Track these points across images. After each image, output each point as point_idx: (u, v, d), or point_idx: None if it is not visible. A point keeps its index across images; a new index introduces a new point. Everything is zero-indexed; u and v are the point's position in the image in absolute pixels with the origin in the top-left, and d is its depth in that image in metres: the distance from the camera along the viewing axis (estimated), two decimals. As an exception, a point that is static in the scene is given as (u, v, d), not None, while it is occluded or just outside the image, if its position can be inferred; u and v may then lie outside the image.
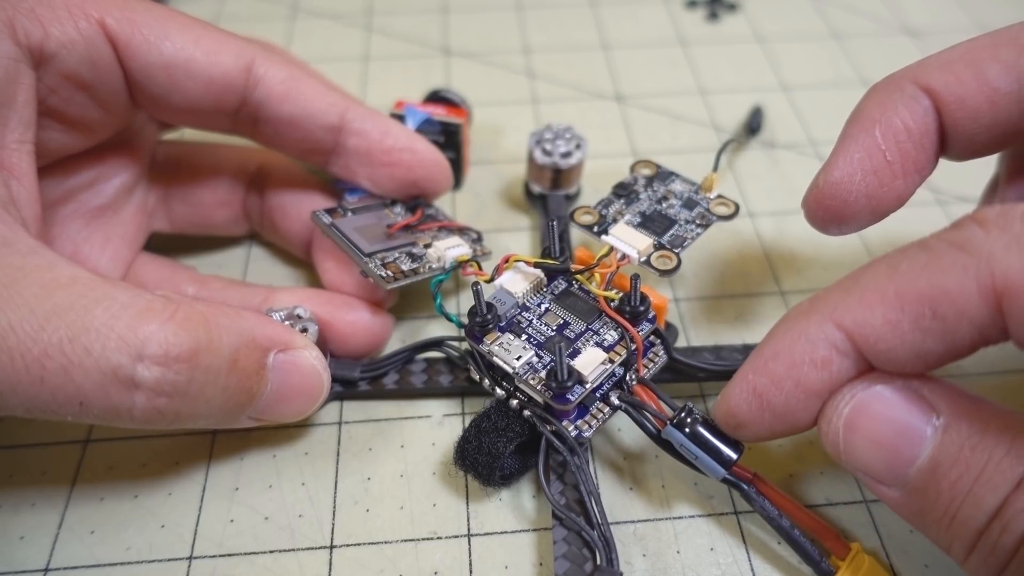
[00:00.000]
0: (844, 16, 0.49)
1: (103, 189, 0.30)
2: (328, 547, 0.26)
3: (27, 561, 0.25)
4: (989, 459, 0.18)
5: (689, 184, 0.31)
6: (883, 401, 0.20)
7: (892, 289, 0.19)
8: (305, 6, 0.50)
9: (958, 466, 0.19)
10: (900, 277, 0.19)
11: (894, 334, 0.19)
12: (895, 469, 0.20)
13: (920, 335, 0.19)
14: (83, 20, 0.25)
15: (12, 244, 0.21)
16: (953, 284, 0.18)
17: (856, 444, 0.20)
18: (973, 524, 0.18)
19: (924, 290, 0.18)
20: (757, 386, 0.21)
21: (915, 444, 0.20)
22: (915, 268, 0.19)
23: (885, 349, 0.19)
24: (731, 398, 0.22)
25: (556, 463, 0.26)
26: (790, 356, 0.21)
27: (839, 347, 0.20)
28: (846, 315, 0.20)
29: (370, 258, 0.28)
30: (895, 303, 0.19)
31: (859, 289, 0.20)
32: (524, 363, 0.25)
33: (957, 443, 0.19)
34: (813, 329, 0.20)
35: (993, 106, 0.23)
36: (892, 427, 0.20)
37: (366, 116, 0.29)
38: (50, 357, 0.20)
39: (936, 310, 0.18)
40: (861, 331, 0.20)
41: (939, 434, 0.19)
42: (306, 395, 0.25)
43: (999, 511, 0.18)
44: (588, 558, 0.23)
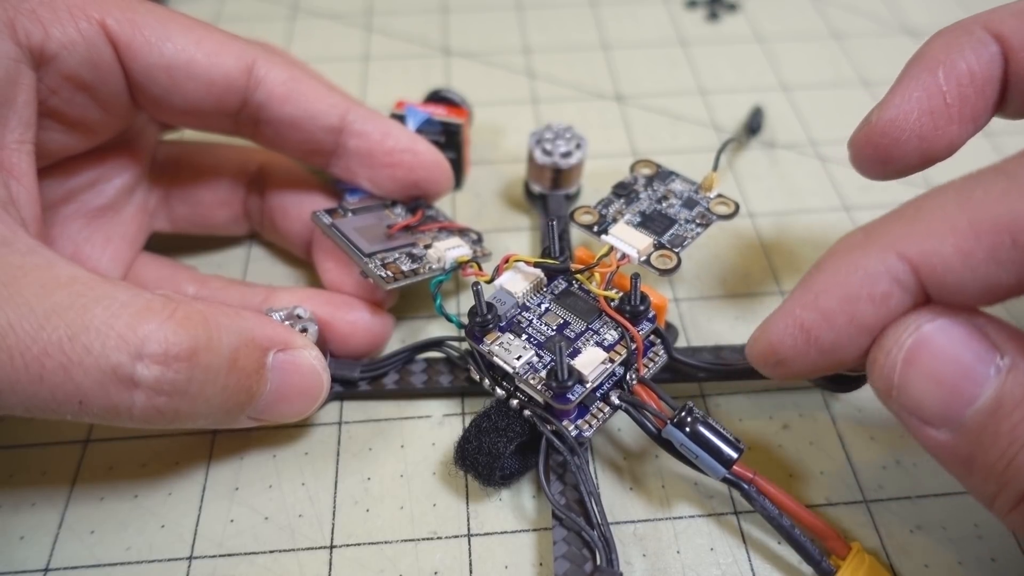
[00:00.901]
0: (844, 16, 0.49)
1: (104, 189, 0.30)
2: (328, 547, 0.26)
3: (27, 561, 0.25)
4: None
5: (689, 184, 0.31)
6: (948, 336, 0.19)
7: (965, 218, 0.17)
8: (305, 6, 0.50)
9: (1021, 409, 0.18)
10: (974, 204, 0.17)
11: (966, 265, 0.18)
12: (952, 409, 0.19)
13: (996, 266, 0.17)
14: (84, 21, 0.25)
15: (11, 243, 0.21)
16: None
17: (913, 379, 0.19)
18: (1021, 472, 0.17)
19: (1003, 218, 0.17)
20: (805, 321, 0.20)
21: (977, 383, 0.18)
22: (992, 195, 0.17)
23: (955, 281, 0.18)
24: (774, 333, 0.21)
25: (556, 463, 0.26)
26: (845, 289, 0.19)
27: (901, 280, 0.19)
28: (911, 246, 0.18)
29: (370, 258, 0.28)
30: (969, 232, 0.17)
31: (925, 218, 0.18)
32: (524, 363, 0.25)
33: (1021, 385, 0.18)
34: (873, 261, 0.19)
35: None
36: (955, 363, 0.18)
37: (367, 117, 0.29)
38: (49, 356, 0.20)
39: (1017, 238, 0.17)
40: (929, 262, 0.18)
41: (1004, 375, 0.18)
42: (306, 395, 0.25)
43: None
44: (588, 558, 0.23)
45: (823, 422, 0.29)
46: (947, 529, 0.26)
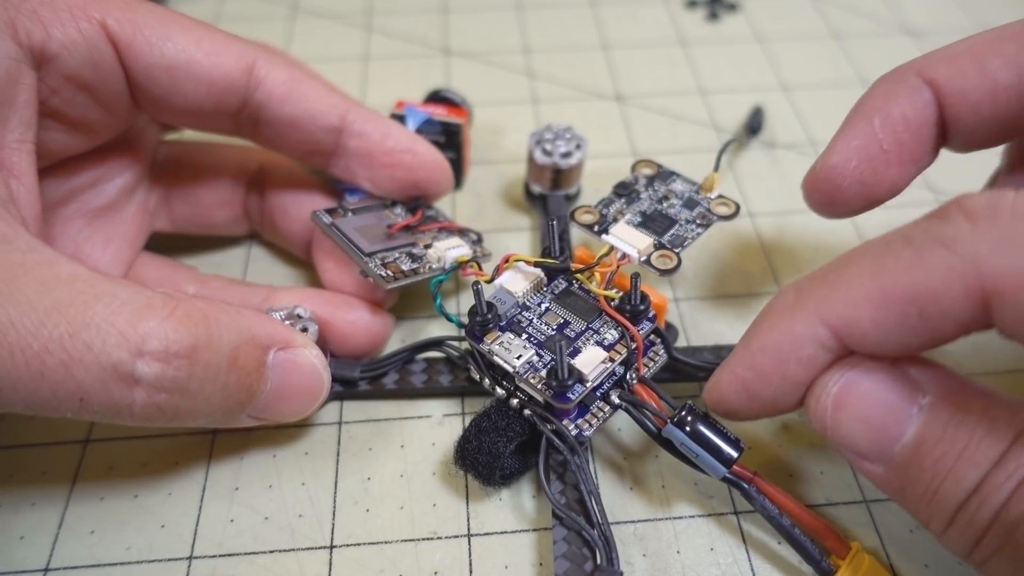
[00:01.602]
0: (844, 16, 0.49)
1: (105, 189, 0.30)
2: (328, 547, 0.26)
3: (27, 561, 0.25)
4: (971, 438, 0.19)
5: (690, 184, 0.31)
6: (871, 380, 0.20)
7: (877, 288, 0.19)
8: (305, 6, 0.50)
9: (942, 444, 0.19)
10: (886, 276, 0.19)
11: (880, 332, 0.19)
12: (881, 446, 0.20)
13: (906, 332, 0.19)
14: (85, 21, 0.25)
15: (12, 242, 0.21)
16: (939, 285, 0.18)
17: (843, 421, 0.21)
18: (953, 499, 0.19)
19: (910, 290, 0.19)
20: (746, 380, 0.22)
21: (901, 422, 0.20)
22: (900, 267, 0.19)
23: (871, 344, 0.20)
24: (721, 390, 0.23)
25: (556, 462, 0.26)
26: (777, 353, 0.21)
27: (824, 344, 0.21)
28: (832, 313, 0.20)
29: (370, 258, 0.28)
30: (881, 303, 0.19)
31: (845, 285, 0.20)
32: (524, 362, 0.25)
33: (942, 422, 0.19)
34: (799, 327, 0.21)
35: (994, 100, 0.23)
36: (879, 405, 0.20)
37: (367, 118, 0.29)
38: (50, 353, 0.20)
39: (922, 310, 0.18)
40: (848, 329, 0.20)
41: (925, 413, 0.20)
42: (306, 394, 0.25)
43: (978, 487, 0.18)
44: (588, 557, 0.23)
45: (823, 422, 0.29)
46: (947, 529, 0.26)
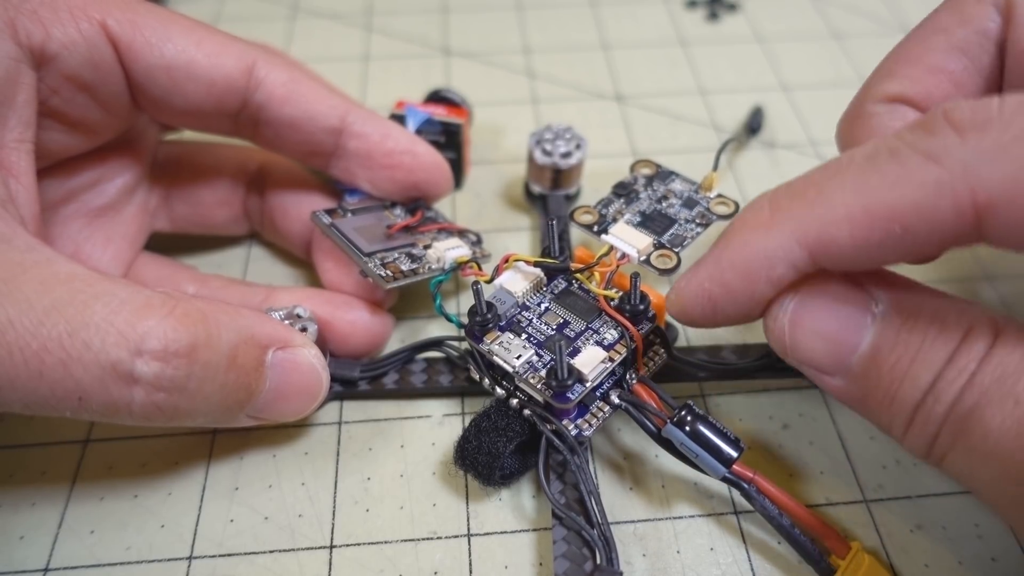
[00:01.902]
0: (844, 16, 0.49)
1: (105, 189, 0.30)
2: (328, 547, 0.26)
3: (27, 561, 0.25)
4: (923, 340, 0.19)
5: (689, 183, 0.31)
6: (825, 296, 0.21)
7: (861, 206, 0.19)
8: (305, 6, 0.50)
9: (896, 349, 0.20)
10: (870, 193, 0.18)
11: (860, 249, 0.19)
12: (839, 358, 0.21)
13: (886, 250, 0.19)
14: (85, 22, 0.25)
15: (11, 241, 0.21)
16: (927, 201, 0.18)
17: (800, 338, 0.21)
18: (910, 400, 0.19)
19: (895, 206, 0.18)
20: (712, 293, 0.22)
21: (857, 332, 0.20)
22: (886, 183, 0.18)
23: (847, 262, 0.20)
24: (685, 300, 0.23)
25: (556, 462, 0.26)
26: (747, 271, 0.21)
27: (798, 266, 0.20)
28: (810, 233, 0.20)
29: (369, 258, 0.28)
30: (863, 221, 0.19)
31: (825, 203, 0.19)
32: (524, 362, 0.25)
33: (894, 328, 0.20)
34: (773, 246, 0.20)
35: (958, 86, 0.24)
36: (834, 318, 0.21)
37: (367, 119, 0.29)
38: (49, 352, 0.20)
39: (908, 227, 0.18)
40: (825, 248, 0.20)
41: (878, 321, 0.20)
42: (305, 393, 0.25)
43: (932, 385, 0.19)
44: (588, 557, 0.23)
45: (823, 422, 0.29)
46: (947, 529, 0.26)
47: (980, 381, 0.18)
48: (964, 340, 0.19)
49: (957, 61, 0.24)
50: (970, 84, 0.24)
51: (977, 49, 0.24)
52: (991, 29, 0.24)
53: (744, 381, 0.30)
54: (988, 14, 0.24)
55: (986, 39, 0.24)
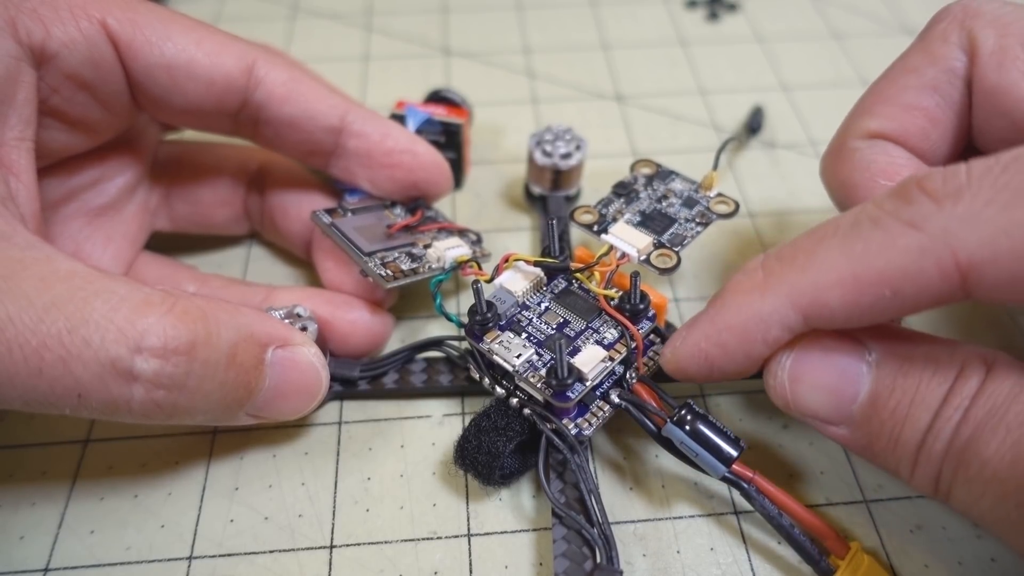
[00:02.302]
0: (844, 16, 0.49)
1: (105, 189, 0.30)
2: (328, 547, 0.26)
3: (27, 560, 0.25)
4: (919, 382, 0.20)
5: (689, 183, 0.31)
6: (820, 349, 0.22)
7: (849, 272, 0.20)
8: (305, 6, 0.50)
9: (895, 394, 0.20)
10: (857, 260, 0.20)
11: (851, 313, 0.20)
12: (840, 408, 0.21)
13: (877, 311, 0.20)
14: (85, 20, 0.25)
15: (10, 238, 0.21)
16: (912, 266, 0.19)
17: (801, 392, 0.22)
18: (913, 442, 0.20)
19: (883, 273, 0.19)
20: (709, 353, 0.23)
21: (854, 382, 0.21)
22: (872, 250, 0.19)
23: (840, 322, 0.21)
24: (681, 359, 0.24)
25: (556, 461, 0.26)
26: (743, 333, 0.22)
27: (792, 328, 0.21)
28: (803, 298, 0.21)
29: (370, 257, 0.28)
30: (853, 286, 0.20)
31: (815, 269, 0.20)
32: (524, 361, 0.25)
33: (890, 374, 0.21)
34: (767, 309, 0.21)
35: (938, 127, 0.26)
36: (832, 370, 0.21)
37: (367, 118, 0.29)
38: (49, 349, 0.20)
39: (896, 291, 0.19)
40: (818, 311, 0.21)
41: (874, 369, 0.21)
42: (304, 392, 0.25)
43: (931, 425, 0.20)
44: (588, 556, 0.23)
45: (823, 422, 0.29)
46: (947, 529, 0.26)
47: (974, 415, 0.19)
48: (958, 378, 0.20)
49: (929, 98, 0.25)
50: (943, 118, 0.26)
51: (947, 86, 0.25)
52: (958, 68, 0.25)
53: (744, 381, 0.30)
54: (954, 54, 0.25)
55: (954, 76, 0.25)
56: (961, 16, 0.25)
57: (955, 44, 0.25)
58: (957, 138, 0.26)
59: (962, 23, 0.25)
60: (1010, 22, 0.24)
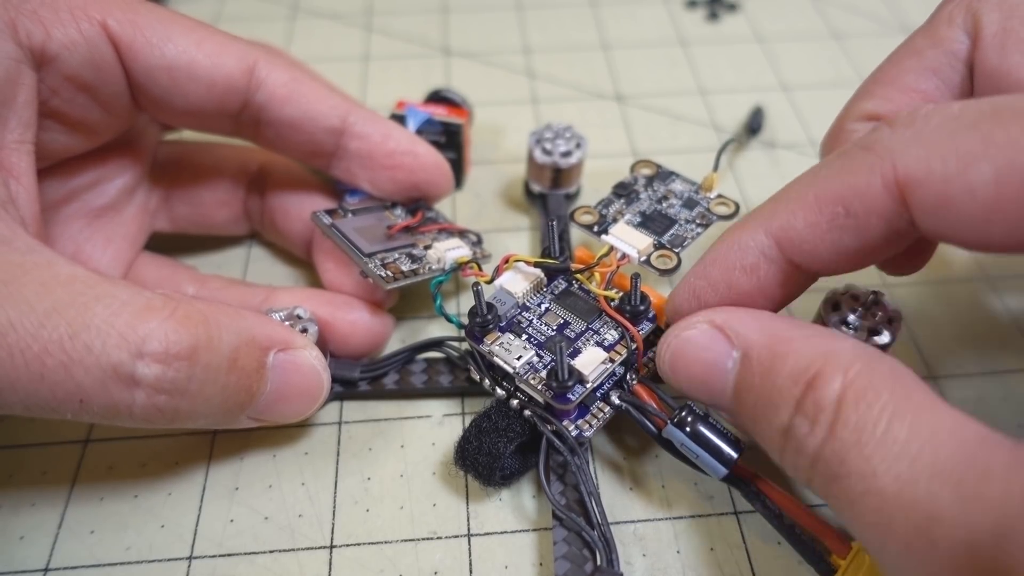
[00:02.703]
0: (844, 16, 0.49)
1: (105, 190, 0.30)
2: (328, 547, 0.26)
3: (27, 561, 0.25)
4: (774, 385, 0.20)
5: (689, 184, 0.31)
6: (693, 341, 0.23)
7: (811, 193, 0.21)
8: (305, 6, 0.50)
9: (752, 393, 0.21)
10: (819, 182, 0.21)
11: (814, 234, 0.21)
12: (716, 398, 0.22)
13: (837, 233, 0.21)
14: (85, 22, 0.25)
15: (11, 242, 0.21)
16: (862, 182, 0.20)
17: (681, 380, 0.23)
18: (774, 444, 0.21)
19: (838, 191, 0.20)
20: (697, 288, 0.24)
21: (721, 376, 0.22)
22: (831, 172, 0.21)
23: (808, 249, 0.21)
24: (676, 296, 0.25)
25: (556, 463, 0.26)
26: (725, 262, 0.23)
27: (767, 253, 0.22)
28: (773, 222, 0.22)
29: (370, 258, 0.28)
30: (814, 206, 0.21)
31: (784, 197, 0.22)
32: (524, 363, 0.25)
33: (751, 372, 0.21)
34: (745, 237, 0.23)
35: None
36: (701, 363, 0.22)
37: (368, 119, 0.29)
38: (50, 354, 0.20)
39: (848, 208, 0.20)
40: (786, 235, 0.22)
41: (737, 366, 0.22)
42: (306, 395, 0.25)
43: (787, 431, 0.20)
44: (588, 558, 0.23)
45: (823, 422, 0.29)
46: (947, 529, 0.26)
47: (836, 432, 0.18)
48: (810, 386, 0.19)
49: (929, 81, 0.25)
50: (943, 101, 0.25)
51: (948, 69, 0.25)
52: (960, 50, 0.25)
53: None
54: (957, 36, 0.25)
55: (956, 60, 0.25)
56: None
57: (959, 26, 0.25)
58: None
59: (968, 5, 0.25)
60: (1016, 4, 0.24)
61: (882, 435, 0.18)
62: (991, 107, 0.19)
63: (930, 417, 0.18)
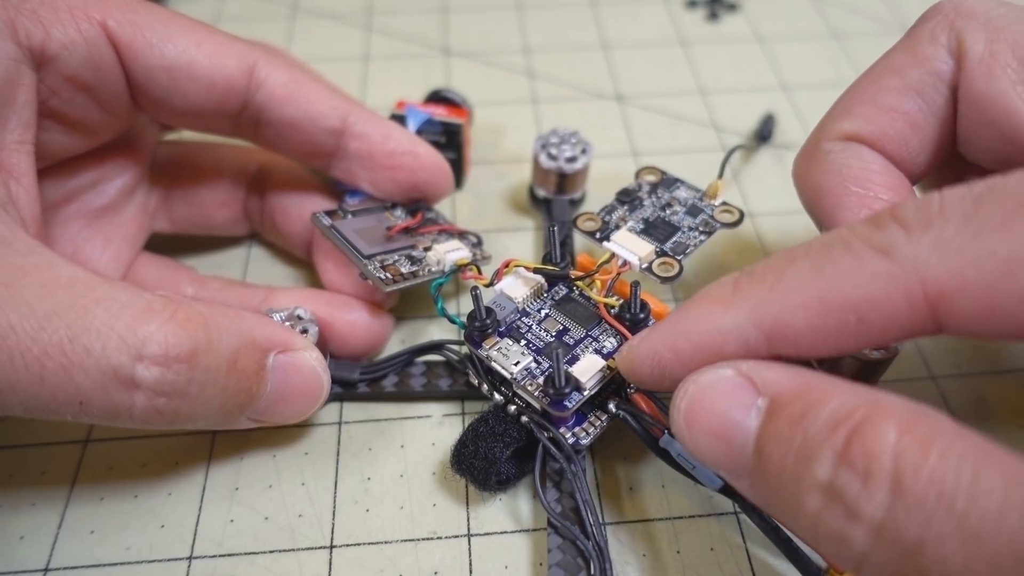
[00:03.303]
0: (844, 16, 0.49)
1: (105, 190, 0.30)
2: (328, 547, 0.26)
3: (27, 561, 0.25)
4: (807, 434, 0.17)
5: (694, 191, 0.31)
6: (712, 391, 0.20)
7: (816, 294, 0.19)
8: (305, 6, 0.50)
9: (779, 444, 0.18)
10: (825, 282, 0.19)
11: (815, 336, 0.19)
12: (734, 459, 0.19)
13: (842, 338, 0.19)
14: (85, 22, 0.25)
15: (11, 244, 0.21)
16: (880, 293, 0.18)
17: (697, 438, 0.20)
18: (808, 509, 0.17)
19: (850, 298, 0.18)
20: (663, 359, 0.21)
21: (743, 431, 0.19)
22: (840, 274, 0.18)
23: (804, 347, 0.19)
24: (635, 360, 0.22)
25: (552, 470, 0.26)
26: (700, 343, 0.21)
27: (750, 345, 0.20)
28: (767, 316, 0.19)
29: (369, 260, 0.28)
30: (819, 309, 0.19)
31: (783, 288, 0.19)
32: (522, 369, 0.25)
33: (779, 420, 0.18)
34: (728, 323, 0.20)
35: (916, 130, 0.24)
36: (720, 416, 0.19)
37: (368, 119, 0.29)
38: (50, 356, 0.20)
39: (862, 317, 0.18)
40: (780, 332, 0.19)
41: (762, 415, 0.19)
42: (306, 396, 0.25)
43: (829, 490, 0.16)
44: (582, 567, 0.23)
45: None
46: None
47: (907, 491, 0.15)
48: (856, 432, 0.16)
49: (911, 102, 0.24)
50: (925, 124, 0.24)
51: (931, 90, 0.24)
52: (944, 71, 0.24)
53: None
54: (940, 56, 0.24)
55: (939, 81, 0.24)
56: (952, 15, 0.24)
57: (942, 45, 0.24)
58: (940, 146, 0.25)
59: (952, 23, 0.24)
60: (1002, 25, 0.23)
61: (970, 485, 0.14)
62: (1010, 196, 0.17)
63: (1012, 461, 0.15)
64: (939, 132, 0.25)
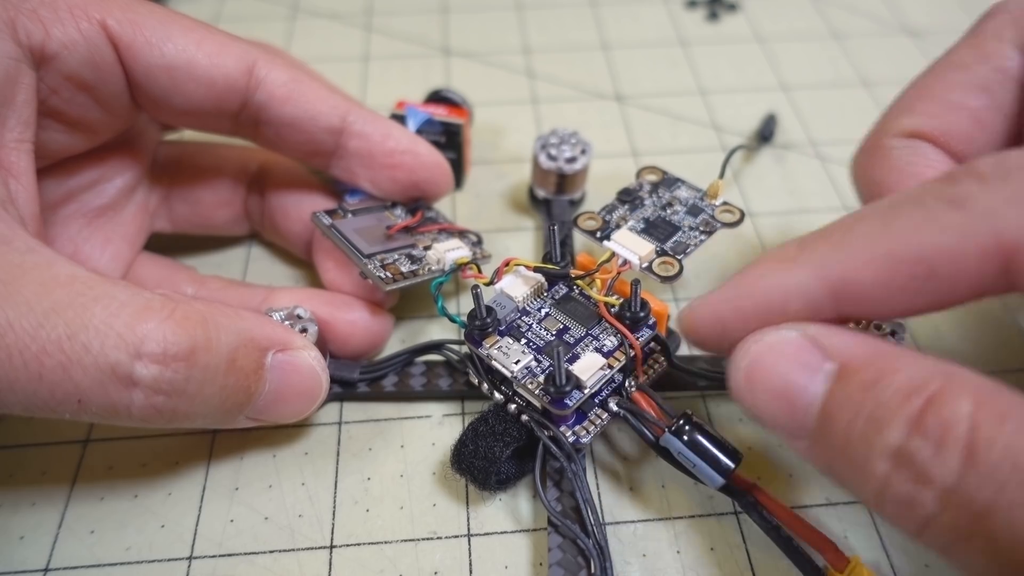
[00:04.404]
0: (844, 16, 0.49)
1: (104, 190, 0.30)
2: (328, 547, 0.26)
3: (27, 561, 0.25)
4: (878, 400, 0.17)
5: (695, 190, 0.31)
6: (776, 352, 0.19)
7: (885, 247, 0.18)
8: (305, 6, 0.50)
9: (848, 409, 0.18)
10: (894, 236, 0.18)
11: (883, 292, 0.19)
12: (797, 420, 0.19)
13: (911, 294, 0.18)
14: (85, 21, 0.25)
15: (10, 242, 0.21)
16: (951, 245, 0.17)
17: (758, 397, 0.20)
18: (876, 472, 0.17)
19: (920, 251, 0.18)
20: (724, 318, 0.21)
21: (809, 393, 0.19)
22: (910, 227, 0.18)
23: (870, 305, 0.19)
24: (697, 319, 0.22)
25: (553, 469, 0.26)
26: (764, 302, 0.20)
27: (815, 303, 0.20)
28: (833, 271, 0.19)
29: (369, 259, 0.28)
30: (888, 263, 0.18)
31: (850, 244, 0.19)
32: (522, 367, 0.25)
33: (849, 385, 0.18)
34: (793, 280, 0.20)
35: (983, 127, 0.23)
36: (785, 377, 0.19)
37: (368, 119, 0.29)
38: (49, 354, 0.20)
39: (933, 271, 0.18)
40: (847, 288, 0.19)
41: (830, 380, 0.19)
42: (304, 396, 0.25)
43: (900, 455, 0.16)
44: (583, 566, 0.23)
45: (822, 423, 0.29)
46: (945, 531, 0.26)
47: (980, 460, 0.15)
48: (931, 402, 0.16)
49: (977, 98, 0.24)
50: (991, 122, 0.24)
51: (998, 87, 0.23)
52: (1011, 68, 0.23)
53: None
54: (1007, 52, 0.23)
55: (1007, 78, 0.23)
56: (1018, 13, 0.24)
57: (1009, 42, 0.23)
58: (1007, 144, 0.24)
59: (1017, 20, 0.23)
60: None
61: None
62: None
63: None
64: (1006, 131, 0.24)
